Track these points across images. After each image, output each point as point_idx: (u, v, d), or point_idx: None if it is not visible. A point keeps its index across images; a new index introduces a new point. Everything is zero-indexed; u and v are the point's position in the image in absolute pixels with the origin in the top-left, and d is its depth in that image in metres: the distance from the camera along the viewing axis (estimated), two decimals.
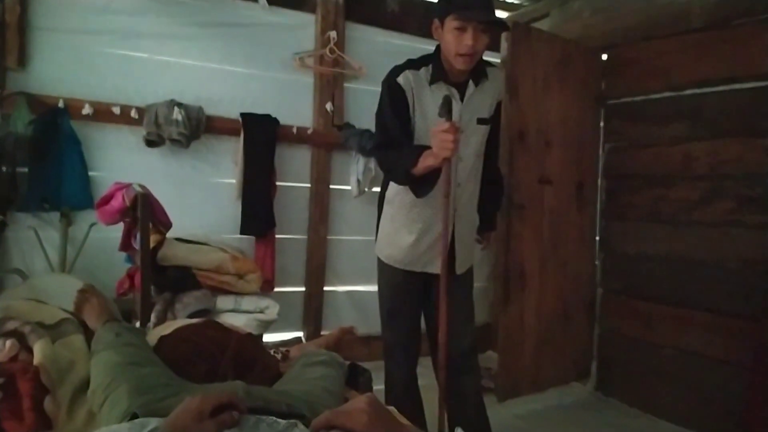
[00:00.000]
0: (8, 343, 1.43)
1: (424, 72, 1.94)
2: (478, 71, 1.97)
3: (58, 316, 1.62)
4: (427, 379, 2.28)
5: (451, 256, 2.03)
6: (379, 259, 2.21)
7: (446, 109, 1.73)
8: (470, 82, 1.96)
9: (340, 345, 2.12)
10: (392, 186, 2.06)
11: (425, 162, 1.78)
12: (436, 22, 1.89)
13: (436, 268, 1.98)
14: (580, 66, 3.23)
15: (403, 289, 2.15)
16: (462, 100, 1.95)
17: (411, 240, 2.04)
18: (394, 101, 1.93)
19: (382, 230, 2.17)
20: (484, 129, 2.03)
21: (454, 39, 1.82)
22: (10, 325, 1.47)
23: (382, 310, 2.22)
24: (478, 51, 1.84)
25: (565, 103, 3.20)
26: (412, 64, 1.96)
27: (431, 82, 1.93)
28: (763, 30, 2.53)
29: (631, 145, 3.16)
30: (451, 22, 1.81)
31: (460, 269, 2.10)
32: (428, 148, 1.80)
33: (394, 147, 1.93)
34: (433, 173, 1.83)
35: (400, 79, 1.92)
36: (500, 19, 1.88)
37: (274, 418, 0.96)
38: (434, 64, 1.94)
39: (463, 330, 2.10)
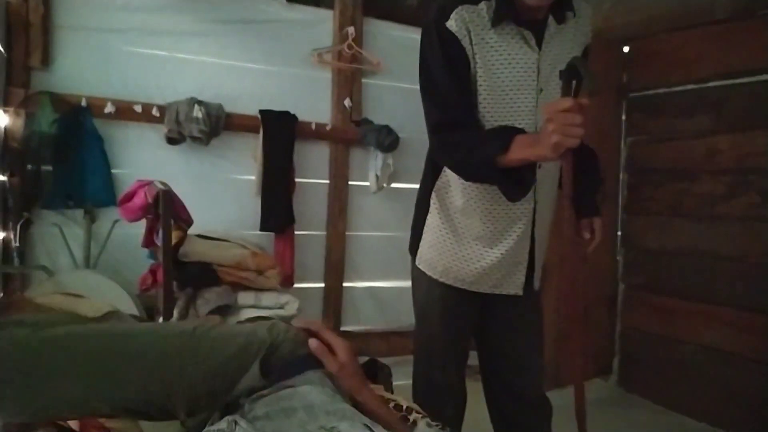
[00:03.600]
0: None
1: (486, 8, 1.37)
2: (562, 2, 1.41)
3: (102, 309, 1.44)
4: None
5: (529, 266, 1.59)
6: (420, 272, 1.66)
7: (568, 78, 1.24)
8: (550, 19, 1.41)
9: None
10: (449, 174, 1.54)
11: (525, 151, 1.27)
12: None
13: (511, 286, 1.58)
14: (601, 58, 3.17)
15: (458, 313, 1.63)
16: (540, 45, 1.41)
17: (478, 251, 1.54)
18: (448, 57, 1.37)
19: (430, 235, 1.62)
20: None
21: None
22: None
23: (424, 338, 1.69)
24: None
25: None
26: None
27: (495, 23, 1.36)
28: None
29: (653, 138, 3.11)
30: None
31: (538, 282, 1.66)
32: (518, 130, 1.33)
33: (461, 127, 1.40)
34: (528, 166, 1.34)
35: (452, 23, 1.35)
36: None
37: None
38: None
39: (539, 363, 1.68)
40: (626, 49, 3.26)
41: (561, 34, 1.45)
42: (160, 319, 2.12)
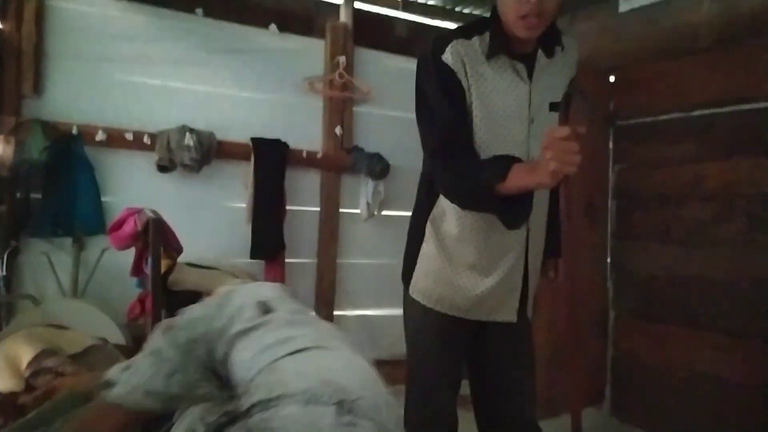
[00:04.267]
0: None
1: (479, 42, 1.43)
2: (551, 37, 1.47)
3: (85, 343, 1.46)
4: None
5: (522, 294, 1.60)
6: (413, 300, 1.63)
7: (565, 107, 1.29)
8: (540, 53, 1.48)
9: None
10: (444, 203, 1.54)
11: (524, 179, 1.29)
12: None
13: (505, 313, 1.59)
14: (588, 87, 3.23)
15: (451, 342, 1.62)
16: (530, 77, 1.47)
17: (473, 279, 1.54)
18: (445, 87, 1.42)
19: (424, 264, 1.60)
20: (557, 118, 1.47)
21: None
22: (50, 362, 1.29)
23: (416, 367, 1.67)
24: (545, 11, 1.34)
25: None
26: (462, 32, 1.45)
27: (489, 56, 1.43)
28: None
29: (641, 165, 3.14)
30: None
31: (531, 309, 1.67)
32: (515, 158, 1.36)
33: (460, 153, 1.43)
34: (526, 193, 1.36)
35: (448, 56, 1.41)
36: None
37: None
38: (492, 30, 1.43)
39: (531, 391, 1.67)
40: (612, 78, 3.31)
41: (550, 67, 1.51)
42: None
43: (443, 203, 1.55)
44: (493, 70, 1.44)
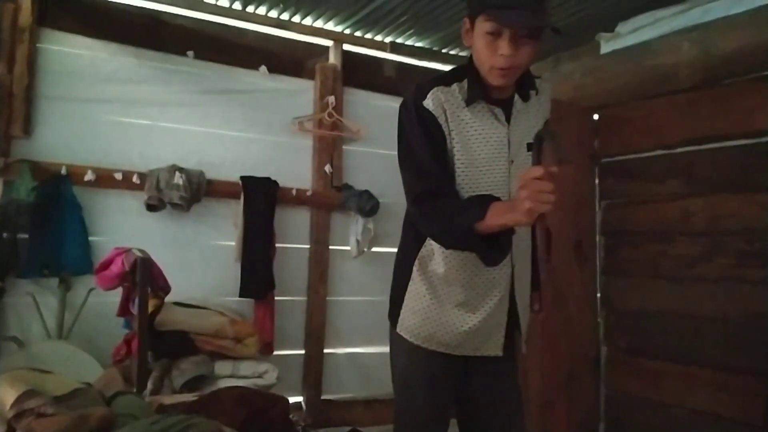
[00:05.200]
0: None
1: (458, 89, 1.50)
2: (526, 82, 1.55)
3: (70, 386, 1.43)
4: None
5: (509, 328, 1.63)
6: (401, 338, 1.64)
7: (537, 149, 1.34)
8: (516, 97, 1.54)
9: None
10: (433, 243, 1.57)
11: (502, 217, 1.35)
12: (467, 22, 1.47)
13: (491, 348, 1.61)
14: (573, 126, 3.29)
15: (441, 379, 1.63)
16: (508, 120, 1.53)
17: (460, 316, 1.57)
18: (426, 133, 1.47)
19: (412, 302, 1.62)
20: None
21: (486, 46, 1.40)
22: (32, 403, 1.25)
23: (405, 406, 1.67)
24: (518, 63, 1.41)
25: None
26: (442, 80, 1.51)
27: (468, 102, 1.49)
28: (751, 89, 2.60)
29: (627, 202, 3.18)
30: (482, 24, 1.39)
31: (525, 346, 1.71)
32: (494, 198, 1.43)
33: (441, 197, 1.47)
34: (505, 232, 1.41)
35: (429, 102, 1.47)
36: (548, 22, 1.41)
37: None
38: (470, 78, 1.50)
39: (521, 428, 1.70)
40: (596, 116, 3.38)
41: (526, 110, 1.58)
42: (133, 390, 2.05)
43: (432, 243, 1.58)
44: (472, 115, 1.51)
